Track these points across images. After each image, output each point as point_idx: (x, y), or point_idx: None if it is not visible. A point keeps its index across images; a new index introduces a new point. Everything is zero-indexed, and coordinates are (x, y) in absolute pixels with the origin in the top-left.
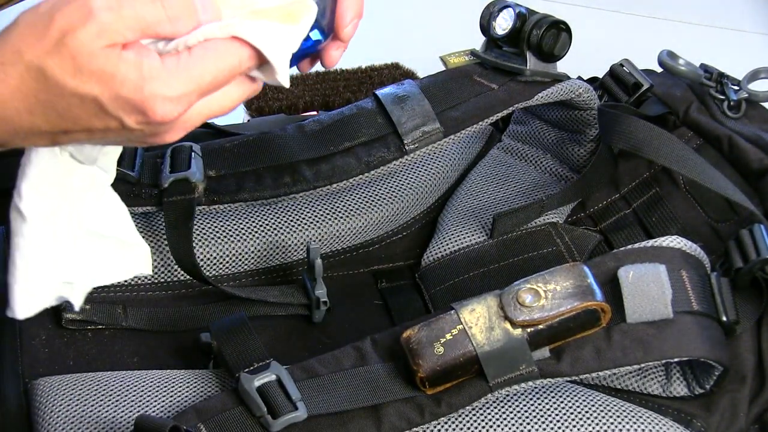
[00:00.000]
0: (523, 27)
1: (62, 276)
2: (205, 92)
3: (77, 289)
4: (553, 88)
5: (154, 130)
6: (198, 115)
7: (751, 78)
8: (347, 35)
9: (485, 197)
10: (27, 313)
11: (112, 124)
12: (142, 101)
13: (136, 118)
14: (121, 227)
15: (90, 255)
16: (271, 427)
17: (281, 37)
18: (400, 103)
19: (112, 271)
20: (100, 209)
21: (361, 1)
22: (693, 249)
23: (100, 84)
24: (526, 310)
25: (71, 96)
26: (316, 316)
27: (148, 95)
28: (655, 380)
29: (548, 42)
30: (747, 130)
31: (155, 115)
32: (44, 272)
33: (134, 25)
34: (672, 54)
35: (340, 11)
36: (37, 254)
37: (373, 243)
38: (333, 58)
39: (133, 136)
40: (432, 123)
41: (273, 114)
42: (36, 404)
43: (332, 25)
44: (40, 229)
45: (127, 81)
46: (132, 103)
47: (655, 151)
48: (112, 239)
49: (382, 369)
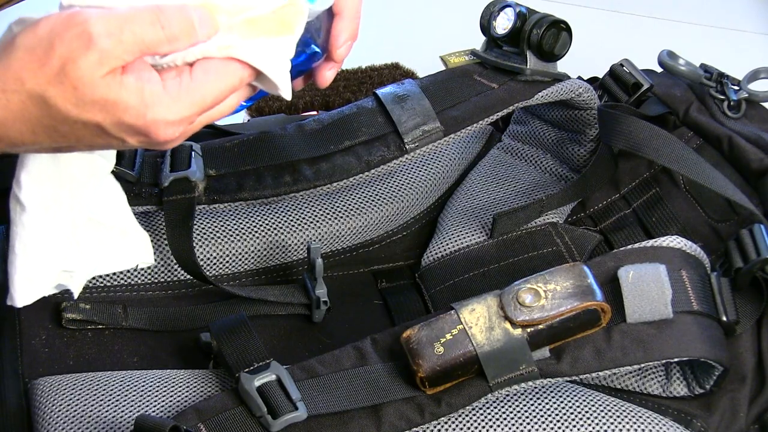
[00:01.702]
0: (524, 26)
1: (62, 264)
2: (206, 110)
3: (77, 278)
4: (554, 88)
5: (156, 146)
6: (198, 124)
7: (751, 78)
8: (340, 56)
9: (485, 197)
10: (26, 301)
11: (115, 142)
12: (146, 126)
13: (138, 139)
14: (121, 216)
15: (90, 243)
16: (271, 427)
17: (279, 52)
18: (400, 102)
19: (112, 260)
20: (101, 197)
21: (356, 24)
22: (693, 249)
23: (102, 112)
24: (526, 310)
25: (74, 123)
26: (316, 315)
27: (151, 121)
28: (655, 380)
29: (548, 41)
30: (747, 130)
31: (158, 137)
32: (44, 261)
33: (134, 49)
34: (672, 54)
35: (334, 32)
36: (36, 243)
37: (373, 243)
38: (326, 78)
39: (134, 147)
40: (432, 122)
41: (273, 114)
42: (36, 404)
43: (326, 45)
44: (39, 218)
45: (129, 108)
46: (135, 128)
47: (655, 151)
48: (112, 228)
49: (382, 369)
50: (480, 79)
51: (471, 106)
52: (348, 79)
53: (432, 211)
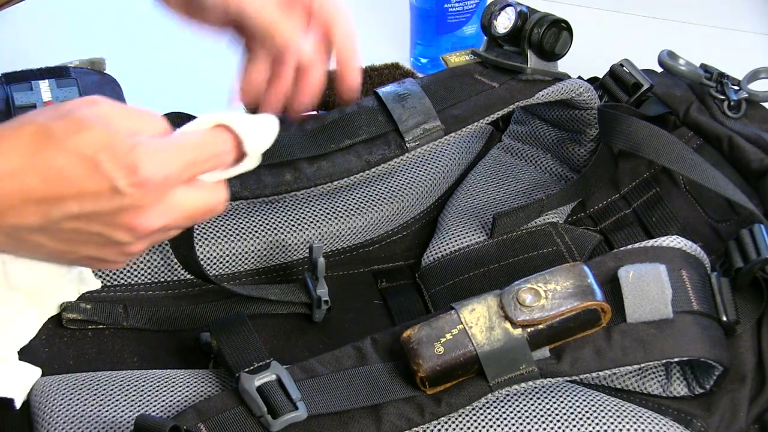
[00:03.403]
0: (524, 26)
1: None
2: (188, 167)
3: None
4: (554, 87)
5: (137, 200)
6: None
7: (751, 78)
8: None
9: (485, 197)
10: None
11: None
12: (133, 159)
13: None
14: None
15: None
16: (271, 427)
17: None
18: (401, 101)
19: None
20: None
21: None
22: (693, 249)
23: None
24: (527, 309)
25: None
26: (317, 315)
27: (137, 153)
28: (655, 380)
29: (549, 41)
30: (747, 130)
31: (142, 174)
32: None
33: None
34: (672, 54)
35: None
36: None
37: (373, 243)
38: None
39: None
40: (433, 120)
41: None
42: (36, 404)
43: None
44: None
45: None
46: (123, 161)
47: (655, 152)
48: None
49: (382, 369)
50: (481, 78)
51: (472, 105)
52: None
53: (432, 211)
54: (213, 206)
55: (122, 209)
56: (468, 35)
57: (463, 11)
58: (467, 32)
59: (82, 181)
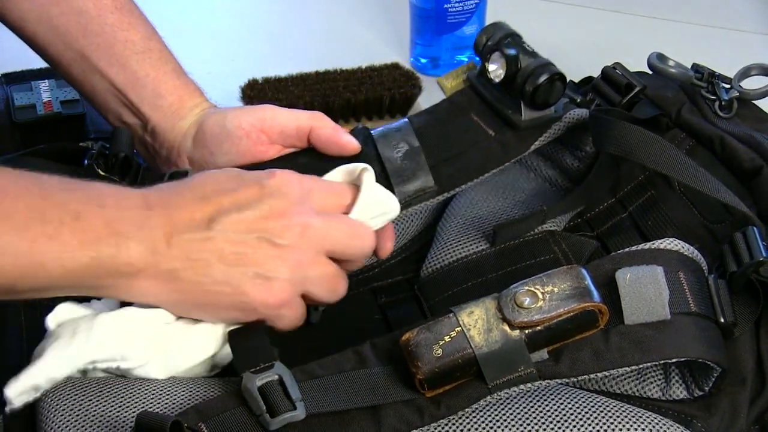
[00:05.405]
0: (516, 76)
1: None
2: (319, 187)
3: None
4: (546, 135)
5: (280, 185)
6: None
7: (743, 75)
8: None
9: (484, 206)
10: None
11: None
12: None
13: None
14: None
15: None
16: (269, 426)
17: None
18: (394, 150)
19: None
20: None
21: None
22: (690, 251)
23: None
24: (524, 311)
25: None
26: (313, 317)
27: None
28: (654, 384)
29: (542, 95)
30: (738, 129)
31: (278, 173)
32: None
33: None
34: (662, 56)
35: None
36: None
37: (372, 268)
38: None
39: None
40: (426, 180)
41: None
42: (40, 403)
43: None
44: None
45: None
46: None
47: (647, 156)
48: None
49: (381, 372)
50: (477, 120)
51: (466, 162)
52: (348, 79)
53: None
54: (360, 232)
55: (270, 195)
56: (468, 35)
57: (463, 11)
58: (467, 32)
59: (234, 185)
